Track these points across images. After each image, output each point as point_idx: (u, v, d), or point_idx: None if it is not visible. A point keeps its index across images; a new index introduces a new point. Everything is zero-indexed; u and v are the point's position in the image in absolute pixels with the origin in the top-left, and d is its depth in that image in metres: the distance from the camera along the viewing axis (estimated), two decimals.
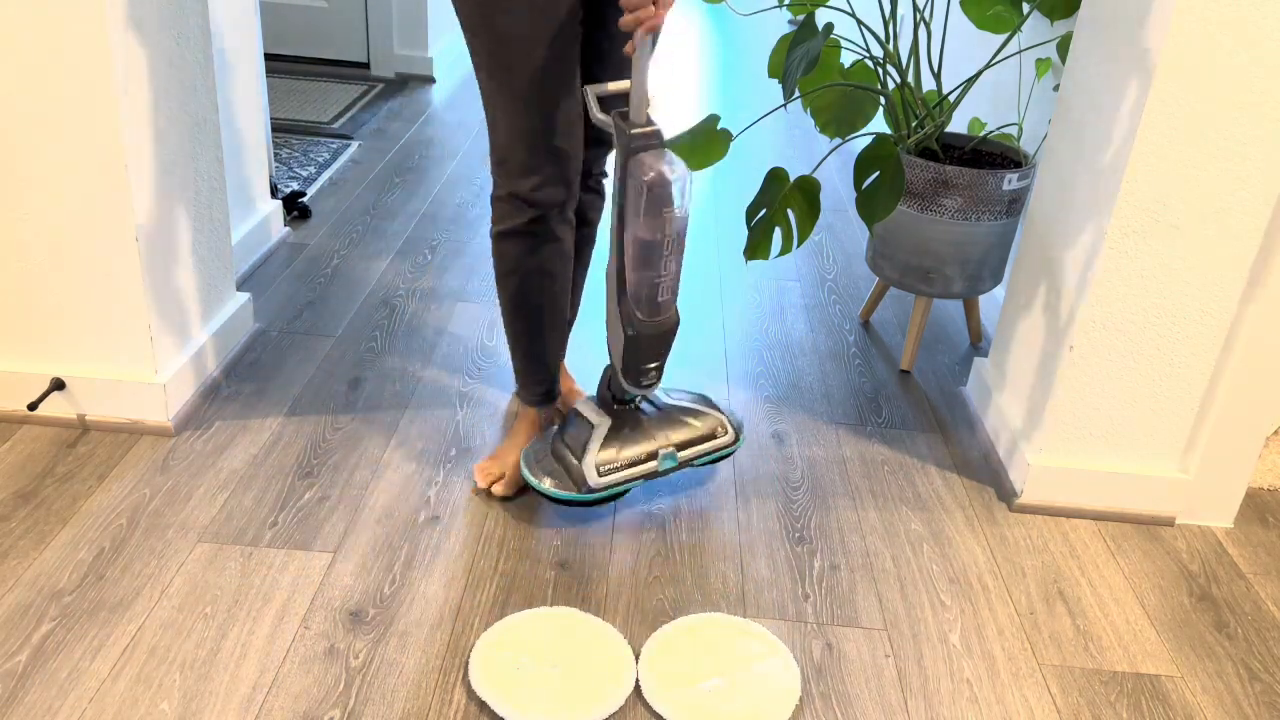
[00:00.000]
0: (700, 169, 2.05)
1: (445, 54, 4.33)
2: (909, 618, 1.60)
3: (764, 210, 2.10)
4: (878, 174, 2.07)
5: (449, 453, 1.89)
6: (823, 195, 3.01)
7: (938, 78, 2.21)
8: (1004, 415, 1.98)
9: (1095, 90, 1.74)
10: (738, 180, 3.35)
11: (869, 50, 2.20)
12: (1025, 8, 2.14)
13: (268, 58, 4.16)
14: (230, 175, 2.37)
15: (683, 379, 2.20)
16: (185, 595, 1.52)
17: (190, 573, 1.57)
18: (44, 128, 1.66)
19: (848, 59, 3.38)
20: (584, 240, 1.86)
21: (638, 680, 1.43)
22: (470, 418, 2.00)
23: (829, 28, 2.08)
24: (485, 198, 3.05)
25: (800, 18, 4.69)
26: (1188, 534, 1.86)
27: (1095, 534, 1.83)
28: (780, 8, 3.33)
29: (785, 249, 2.15)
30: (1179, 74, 1.54)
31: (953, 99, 2.36)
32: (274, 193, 2.79)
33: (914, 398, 2.20)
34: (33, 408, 1.81)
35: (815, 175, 2.27)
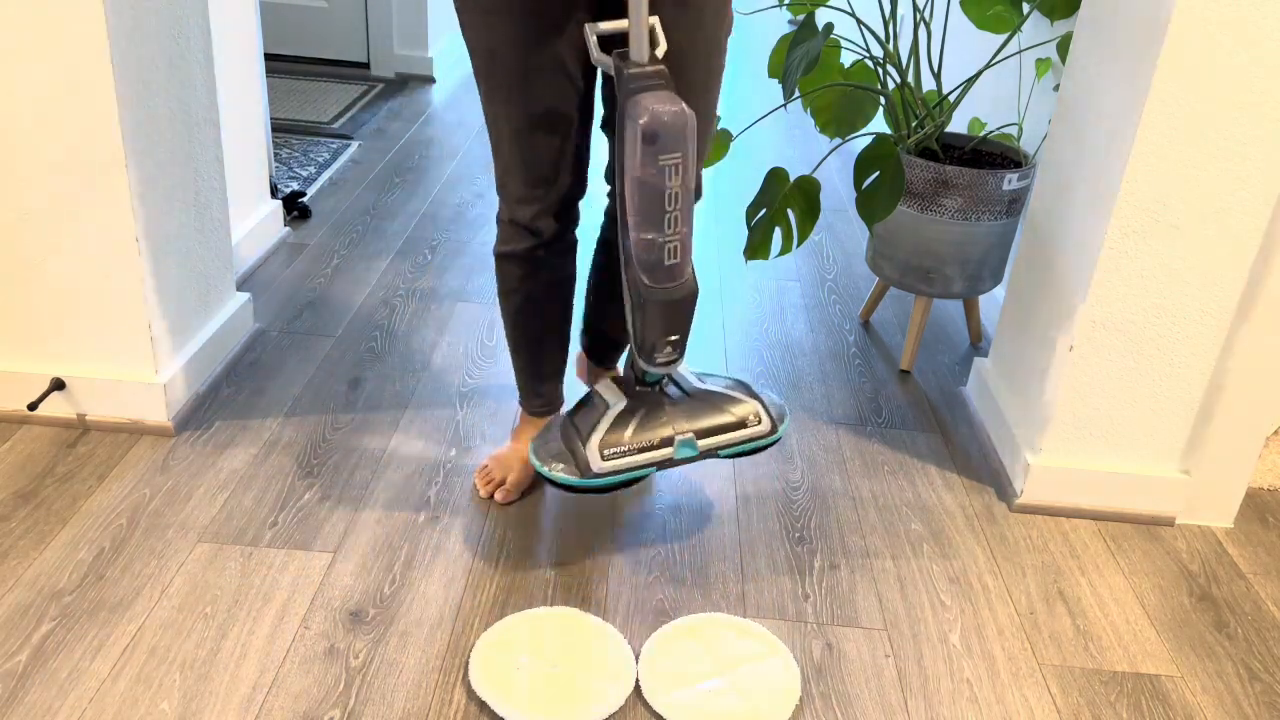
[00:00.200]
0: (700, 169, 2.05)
1: (445, 54, 4.33)
2: (909, 618, 1.60)
3: (764, 210, 2.10)
4: (878, 174, 2.07)
5: (449, 453, 1.89)
6: (823, 195, 3.01)
7: (938, 78, 2.21)
8: (1004, 415, 1.98)
9: (1095, 90, 1.74)
10: (738, 180, 3.35)
11: (869, 50, 2.20)
12: (1025, 8, 2.14)
13: (268, 58, 4.16)
14: (230, 175, 2.37)
15: None
16: (185, 595, 1.52)
17: (190, 573, 1.57)
18: (44, 128, 1.66)
19: (848, 59, 3.38)
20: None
21: (638, 680, 1.43)
22: (470, 418, 2.00)
23: (829, 28, 2.08)
24: (485, 198, 3.05)
25: (800, 18, 4.69)
26: (1188, 534, 1.86)
27: (1095, 534, 1.83)
28: (780, 8, 3.34)
29: (785, 249, 2.15)
30: (1179, 74, 1.54)
31: (953, 99, 2.36)
32: (274, 193, 2.79)
33: (914, 398, 2.20)
34: (33, 408, 1.81)
35: (815, 175, 2.27)
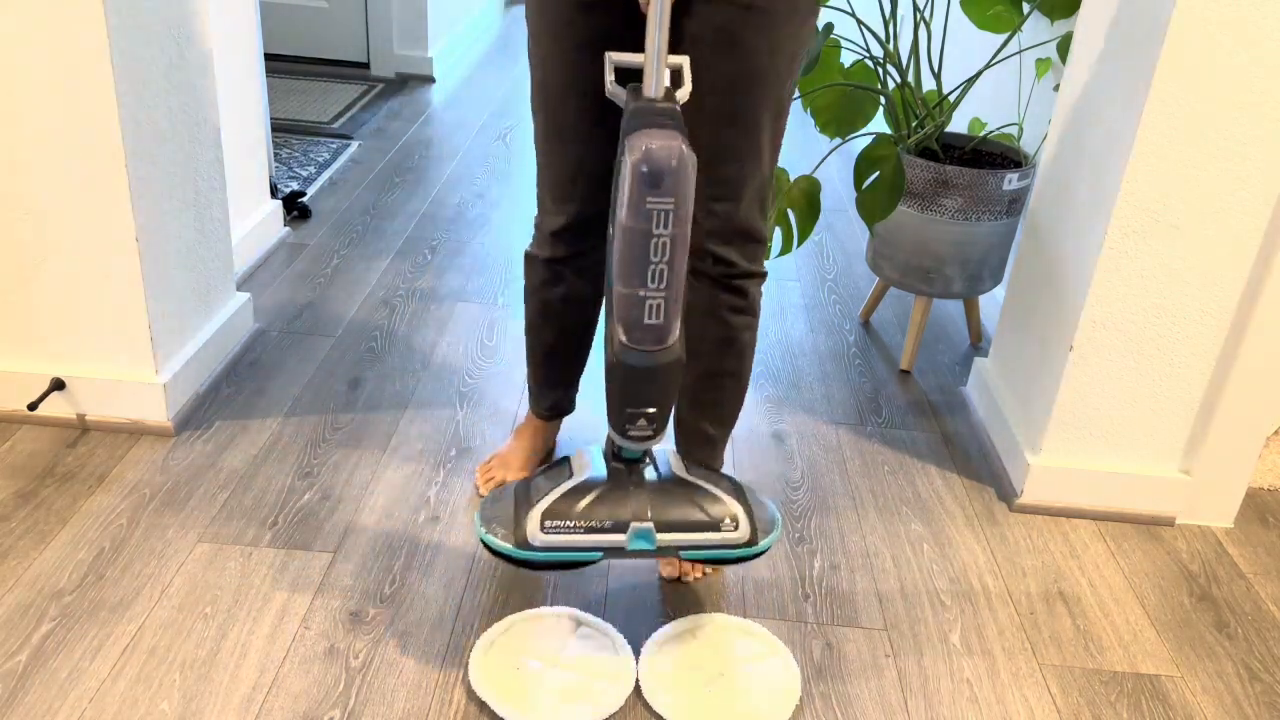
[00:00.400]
0: None
1: (445, 54, 4.33)
2: (909, 618, 1.60)
3: None
4: (878, 174, 2.07)
5: (449, 453, 1.89)
6: (823, 195, 3.01)
7: (938, 78, 2.21)
8: (1004, 415, 1.98)
9: (1095, 90, 1.74)
10: None
11: (869, 50, 2.20)
12: (1025, 8, 2.14)
13: (268, 58, 4.16)
14: (230, 175, 2.37)
15: None
16: (185, 595, 1.52)
17: (190, 573, 1.57)
18: (44, 128, 1.66)
19: (848, 59, 3.37)
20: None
21: (638, 680, 1.43)
22: (470, 418, 2.00)
23: (829, 28, 2.08)
24: (485, 198, 3.05)
25: None
26: (1188, 534, 1.86)
27: (1095, 534, 1.83)
28: None
29: (785, 249, 2.15)
30: (1179, 74, 1.54)
31: (953, 99, 2.36)
32: (274, 193, 2.79)
33: (914, 398, 2.20)
34: (33, 408, 1.81)
35: (815, 175, 2.27)
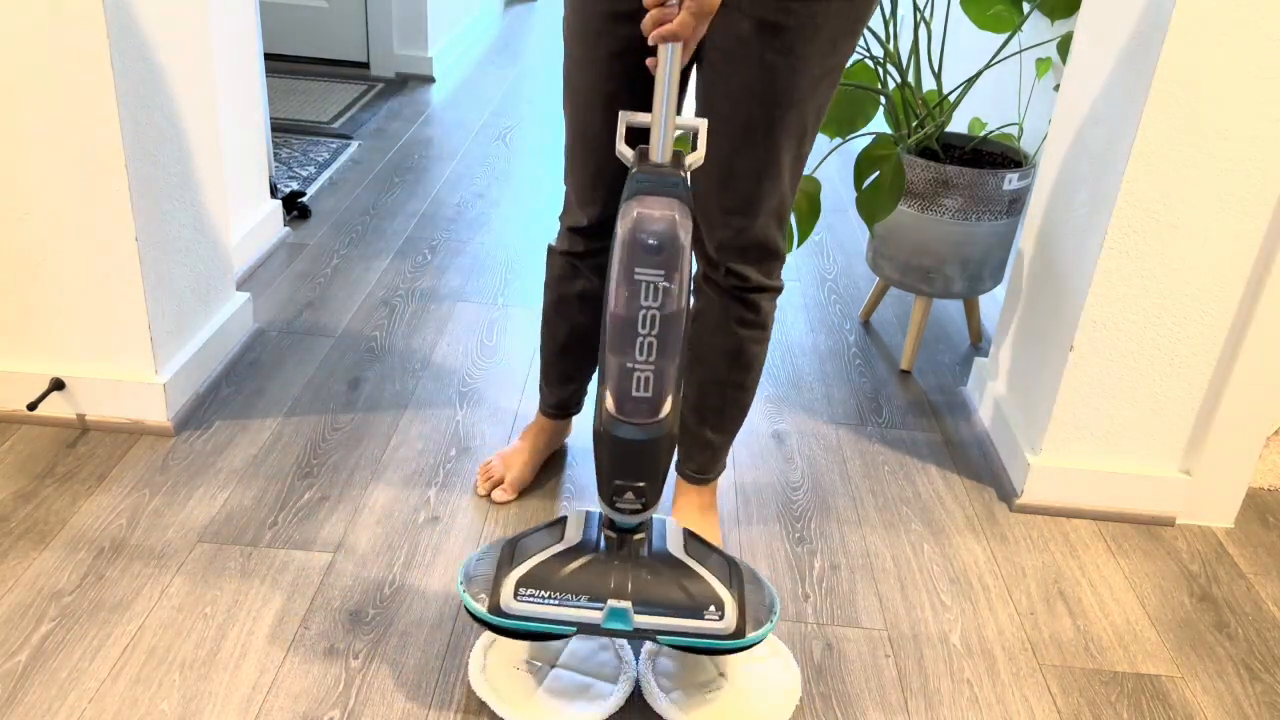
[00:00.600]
0: None
1: (445, 54, 4.33)
2: (909, 618, 1.60)
3: None
4: (878, 174, 2.07)
5: (449, 453, 1.89)
6: (823, 195, 3.01)
7: (938, 78, 2.21)
8: (1004, 415, 1.98)
9: (1095, 90, 1.74)
10: None
11: (869, 50, 2.20)
12: (1025, 8, 2.14)
13: (268, 58, 4.16)
14: (230, 175, 2.37)
15: None
16: (185, 595, 1.52)
17: (190, 573, 1.57)
18: (44, 128, 1.66)
19: None
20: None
21: (638, 680, 1.43)
22: (470, 418, 2.00)
23: None
24: (485, 198, 3.05)
25: None
26: (1188, 534, 1.86)
27: (1095, 534, 1.83)
28: None
29: (785, 249, 2.15)
30: (1179, 74, 1.54)
31: (953, 99, 2.36)
32: (274, 192, 2.79)
33: (914, 398, 2.20)
34: (32, 408, 1.81)
35: (815, 175, 2.27)
